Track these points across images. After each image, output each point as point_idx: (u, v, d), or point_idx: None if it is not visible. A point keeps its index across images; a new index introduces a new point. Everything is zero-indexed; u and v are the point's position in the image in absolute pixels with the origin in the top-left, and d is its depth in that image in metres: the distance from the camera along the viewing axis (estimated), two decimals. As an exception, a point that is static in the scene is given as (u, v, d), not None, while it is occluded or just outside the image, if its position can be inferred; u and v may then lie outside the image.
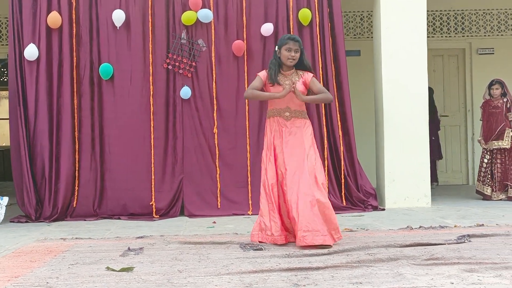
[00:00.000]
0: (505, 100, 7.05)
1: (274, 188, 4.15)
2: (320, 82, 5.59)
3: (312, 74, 4.33)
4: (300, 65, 4.30)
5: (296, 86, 4.16)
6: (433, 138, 8.44)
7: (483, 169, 7.15)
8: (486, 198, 7.00)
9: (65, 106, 5.98)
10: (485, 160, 7.14)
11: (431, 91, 8.54)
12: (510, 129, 6.96)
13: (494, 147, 7.03)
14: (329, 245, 3.83)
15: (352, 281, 2.92)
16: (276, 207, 4.13)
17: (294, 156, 4.11)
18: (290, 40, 4.23)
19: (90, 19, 6.09)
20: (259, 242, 4.09)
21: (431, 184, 8.38)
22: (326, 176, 6.09)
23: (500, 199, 6.95)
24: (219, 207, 6.04)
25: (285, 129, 4.22)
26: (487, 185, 7.06)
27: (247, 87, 6.13)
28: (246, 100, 6.15)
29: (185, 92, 6.06)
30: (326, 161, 6.20)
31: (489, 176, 7.06)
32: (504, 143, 6.97)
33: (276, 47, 4.32)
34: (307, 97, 4.28)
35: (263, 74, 4.32)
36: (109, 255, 3.78)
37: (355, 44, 8.81)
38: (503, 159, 7.02)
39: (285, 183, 4.08)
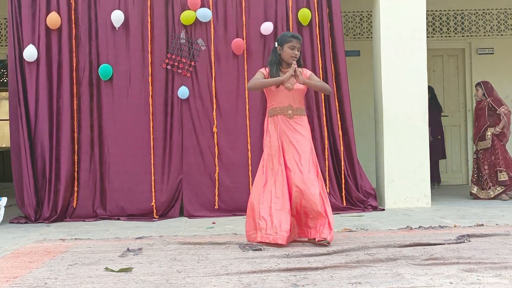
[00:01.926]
0: (487, 101, 7.17)
1: (284, 187, 4.11)
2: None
3: (310, 71, 4.43)
4: (296, 63, 4.32)
5: (299, 79, 4.18)
6: (439, 137, 8.47)
7: (475, 169, 7.32)
8: (475, 198, 7.12)
9: (64, 107, 5.97)
10: (475, 161, 7.36)
11: (430, 89, 8.55)
12: (492, 128, 7.11)
13: (481, 148, 7.26)
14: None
15: (351, 281, 2.91)
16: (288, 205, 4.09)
17: (302, 153, 4.15)
18: (294, 38, 4.26)
19: (89, 20, 6.08)
20: (258, 242, 4.08)
21: (433, 185, 8.42)
22: (327, 176, 6.10)
23: (498, 194, 6.98)
24: (218, 207, 6.03)
25: (289, 126, 4.23)
26: (475, 184, 7.21)
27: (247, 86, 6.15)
28: (247, 99, 6.14)
29: (183, 92, 6.05)
30: (326, 161, 6.19)
31: (476, 175, 7.23)
32: (487, 143, 7.17)
33: (276, 43, 4.31)
34: (307, 80, 4.26)
35: (264, 70, 4.32)
36: (108, 255, 3.78)
37: (354, 44, 8.81)
38: (488, 157, 7.17)
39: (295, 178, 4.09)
